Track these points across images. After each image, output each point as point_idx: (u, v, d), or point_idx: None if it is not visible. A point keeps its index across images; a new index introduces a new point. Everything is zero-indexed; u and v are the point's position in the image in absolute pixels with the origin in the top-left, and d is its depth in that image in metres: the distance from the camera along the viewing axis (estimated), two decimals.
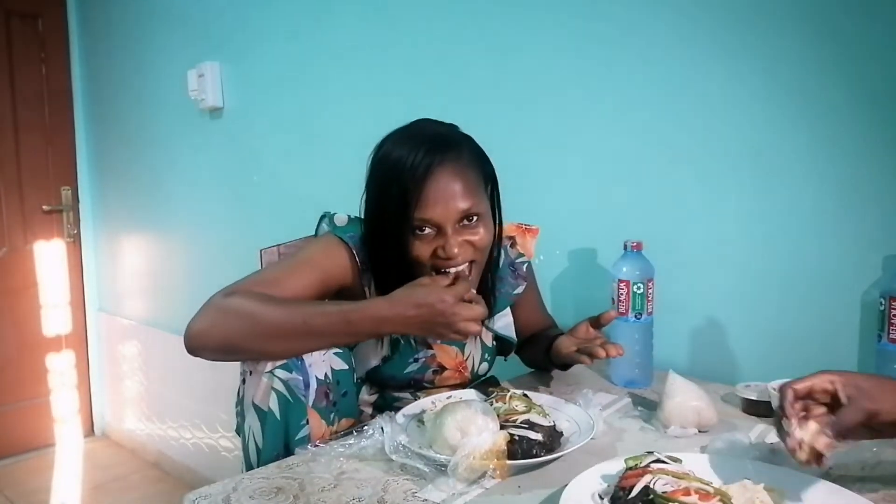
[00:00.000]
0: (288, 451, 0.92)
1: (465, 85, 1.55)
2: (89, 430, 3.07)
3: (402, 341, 1.08)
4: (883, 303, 0.92)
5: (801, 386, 0.70)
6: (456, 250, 0.96)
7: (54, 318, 2.92)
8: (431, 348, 1.10)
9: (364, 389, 1.12)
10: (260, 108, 2.13)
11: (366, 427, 0.86)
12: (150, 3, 2.52)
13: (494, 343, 1.19)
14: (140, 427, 2.84)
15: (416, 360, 1.09)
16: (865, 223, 1.03)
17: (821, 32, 1.05)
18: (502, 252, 1.15)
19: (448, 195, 0.94)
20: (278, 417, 0.91)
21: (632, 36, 1.27)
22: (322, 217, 1.10)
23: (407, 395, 1.13)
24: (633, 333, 1.12)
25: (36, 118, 2.83)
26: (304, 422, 0.92)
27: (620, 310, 1.11)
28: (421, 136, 0.98)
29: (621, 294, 1.12)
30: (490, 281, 1.09)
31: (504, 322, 1.18)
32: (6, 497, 2.48)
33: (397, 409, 1.04)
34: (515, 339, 1.19)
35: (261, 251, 1.21)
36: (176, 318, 2.56)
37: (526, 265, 1.20)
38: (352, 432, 0.86)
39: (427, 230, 0.96)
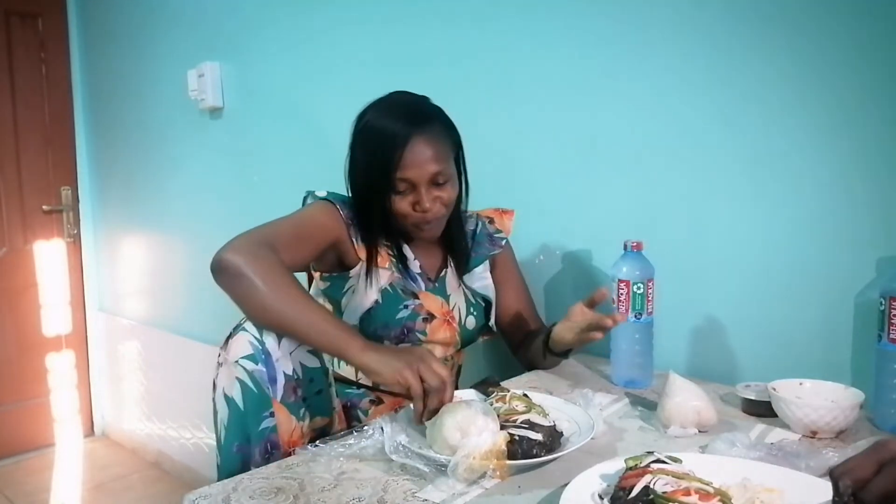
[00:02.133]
0: (249, 443, 0.95)
1: (466, 86, 1.55)
2: (89, 430, 3.07)
3: (389, 290, 1.17)
4: (883, 303, 0.92)
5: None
6: (428, 205, 1.12)
7: (54, 318, 2.92)
8: (418, 297, 1.19)
9: None
10: (260, 108, 2.13)
11: (366, 427, 0.86)
12: (150, 3, 2.52)
13: (479, 303, 1.28)
14: (140, 427, 2.84)
15: (405, 307, 1.17)
16: (864, 224, 1.03)
17: (818, 34, 1.05)
18: (482, 224, 1.32)
19: (423, 159, 1.10)
20: (241, 407, 0.95)
21: (632, 37, 1.27)
22: (305, 196, 1.22)
23: None
24: (633, 333, 1.12)
25: (36, 118, 2.83)
26: (268, 413, 0.95)
27: (620, 310, 1.11)
28: (399, 107, 1.14)
29: (621, 294, 1.12)
30: (462, 238, 1.26)
31: (482, 283, 1.30)
32: (6, 497, 2.48)
33: None
34: (493, 298, 1.30)
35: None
36: (176, 317, 2.56)
37: (504, 241, 1.33)
38: (352, 432, 0.87)
39: (405, 188, 1.12)
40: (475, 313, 1.26)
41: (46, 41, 2.84)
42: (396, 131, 1.10)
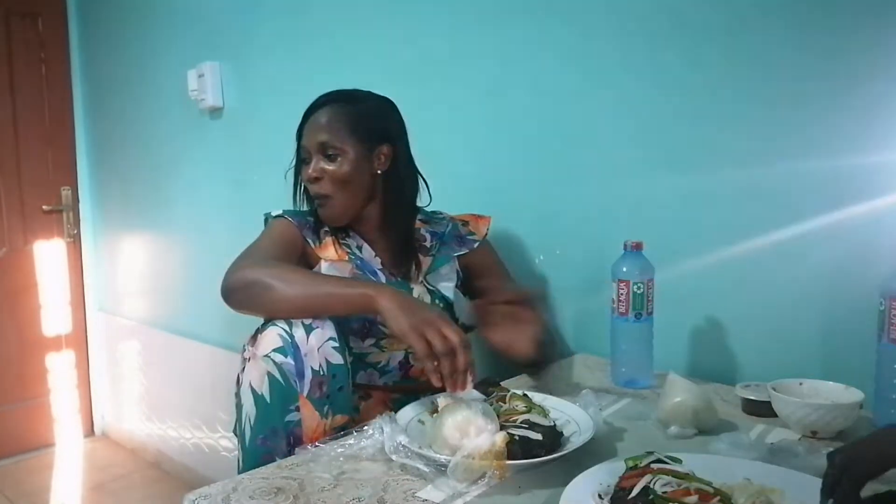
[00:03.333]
0: (276, 435, 0.96)
1: (466, 87, 1.55)
2: (89, 430, 3.07)
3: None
4: (883, 303, 0.92)
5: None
6: (311, 172, 1.18)
7: (54, 318, 2.92)
8: None
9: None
10: (260, 108, 2.13)
11: (366, 427, 0.86)
12: (150, 2, 2.52)
13: (439, 303, 1.26)
14: (140, 427, 2.84)
15: None
16: (864, 223, 1.03)
17: (819, 33, 1.05)
18: (454, 227, 1.33)
19: (315, 128, 1.18)
20: (268, 400, 0.96)
21: (631, 37, 1.27)
22: (265, 219, 1.27)
23: (373, 348, 1.18)
24: (633, 333, 1.12)
25: (36, 118, 2.83)
26: (293, 407, 0.96)
27: (620, 310, 1.11)
28: (329, 91, 1.23)
29: (621, 294, 1.12)
30: (408, 232, 1.25)
31: (445, 285, 1.29)
32: (6, 497, 2.48)
33: (368, 364, 1.17)
34: (452, 299, 1.28)
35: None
36: (176, 317, 2.56)
37: (477, 243, 1.33)
38: (352, 432, 0.87)
39: (305, 156, 1.21)
40: (441, 305, 1.25)
41: (46, 41, 2.84)
42: (310, 106, 1.21)
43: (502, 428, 0.82)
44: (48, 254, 2.89)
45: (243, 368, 1.01)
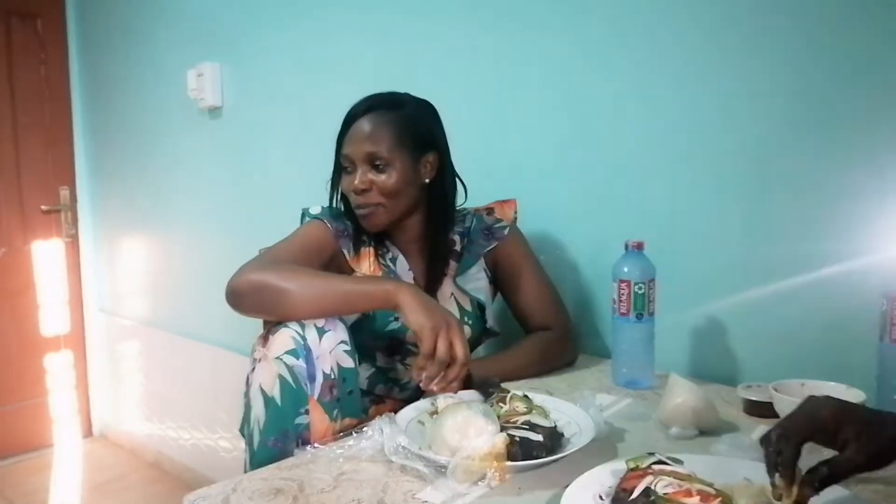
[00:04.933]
0: (286, 437, 0.95)
1: (466, 84, 1.55)
2: (88, 431, 3.06)
3: None
4: (885, 303, 0.91)
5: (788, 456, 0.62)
6: (357, 184, 1.12)
7: (53, 318, 2.91)
8: None
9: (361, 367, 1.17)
10: (259, 107, 2.13)
11: (365, 428, 0.86)
12: (149, 3, 2.52)
13: (475, 309, 1.24)
14: (139, 427, 2.83)
15: (396, 319, 1.14)
16: (866, 223, 1.03)
17: (822, 31, 1.05)
18: (477, 220, 1.27)
19: (360, 137, 1.12)
20: (279, 403, 0.95)
21: (632, 35, 1.27)
22: (302, 214, 1.23)
23: (397, 364, 1.18)
24: (634, 334, 1.11)
25: (35, 118, 2.82)
26: (303, 410, 0.96)
27: (621, 310, 1.11)
28: (368, 96, 1.16)
29: (622, 294, 1.11)
30: (443, 245, 1.22)
31: (475, 285, 1.25)
32: (5, 497, 2.47)
33: (389, 379, 1.16)
34: (485, 302, 1.25)
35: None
36: (175, 318, 2.56)
37: (506, 229, 1.27)
38: (352, 433, 0.86)
39: (348, 165, 1.14)
40: (469, 322, 1.22)
41: (46, 42, 2.83)
42: (351, 112, 1.15)
43: (503, 429, 0.81)
44: (47, 254, 2.88)
45: (253, 369, 1.00)
